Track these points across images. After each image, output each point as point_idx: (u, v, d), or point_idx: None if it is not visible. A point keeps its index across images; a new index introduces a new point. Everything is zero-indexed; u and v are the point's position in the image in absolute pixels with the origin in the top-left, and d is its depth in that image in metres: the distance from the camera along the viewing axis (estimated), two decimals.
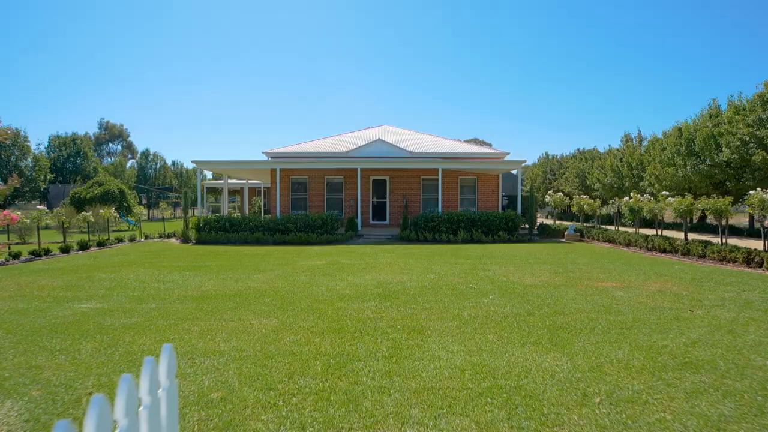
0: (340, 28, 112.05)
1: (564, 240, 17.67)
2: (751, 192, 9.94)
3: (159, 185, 48.06)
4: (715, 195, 15.97)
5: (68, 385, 3.61)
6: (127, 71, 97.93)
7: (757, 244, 13.31)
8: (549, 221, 26.14)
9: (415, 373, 3.84)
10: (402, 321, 5.51)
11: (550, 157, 46.25)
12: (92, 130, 66.85)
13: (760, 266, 9.73)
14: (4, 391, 3.48)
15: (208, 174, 46.86)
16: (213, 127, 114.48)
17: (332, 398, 3.36)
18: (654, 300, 6.66)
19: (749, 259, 10.01)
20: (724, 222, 12.05)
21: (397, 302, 6.53)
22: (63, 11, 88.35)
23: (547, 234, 18.94)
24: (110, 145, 70.57)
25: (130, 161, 61.30)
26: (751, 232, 18.53)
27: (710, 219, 22.84)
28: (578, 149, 40.24)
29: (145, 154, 50.64)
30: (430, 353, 4.34)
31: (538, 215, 40.54)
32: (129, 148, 71.19)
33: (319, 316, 5.74)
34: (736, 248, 10.54)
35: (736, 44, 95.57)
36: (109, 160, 64.77)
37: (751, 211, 10.03)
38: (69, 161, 42.42)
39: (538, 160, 48.18)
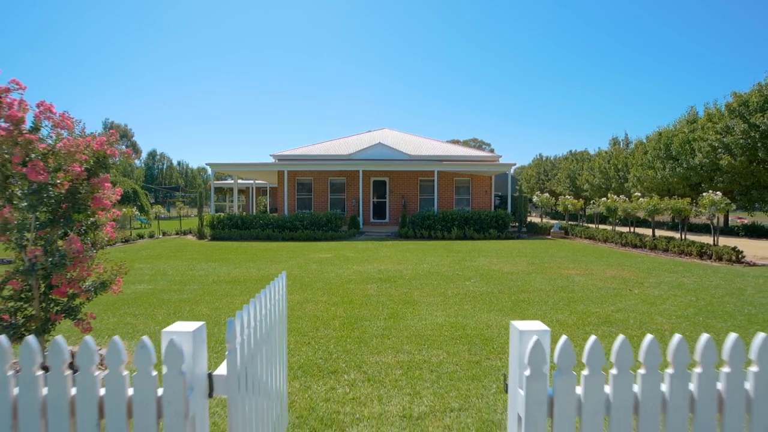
0: (341, 28, 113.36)
1: (550, 237, 19.15)
2: (704, 194, 11.41)
3: (165, 185, 49.50)
4: (675, 196, 17.42)
5: (160, 333, 5.06)
6: (130, 71, 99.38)
7: (725, 241, 14.88)
8: (543, 220, 27.61)
9: (407, 327, 5.30)
10: (398, 296, 6.98)
11: (543, 158, 47.77)
12: (97, 130, 68.24)
13: (710, 258, 11.21)
14: (119, 336, 4.94)
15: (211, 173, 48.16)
16: (214, 127, 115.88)
17: (348, 340, 4.82)
18: (605, 283, 8.13)
19: (702, 252, 11.50)
20: (683, 220, 13.53)
21: (395, 284, 7.99)
22: (64, 11, 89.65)
23: (535, 232, 20.43)
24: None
25: (135, 161, 62.67)
26: (723, 230, 20.04)
27: (692, 218, 24.33)
28: (570, 151, 41.78)
29: (152, 154, 52.17)
30: (419, 316, 5.81)
31: (533, 214, 42.05)
32: (133, 147, 72.41)
33: (332, 294, 7.20)
34: (693, 243, 12.02)
35: (737, 45, 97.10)
36: (114, 159, 66.09)
37: (703, 210, 11.51)
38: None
39: (533, 161, 49.71)
